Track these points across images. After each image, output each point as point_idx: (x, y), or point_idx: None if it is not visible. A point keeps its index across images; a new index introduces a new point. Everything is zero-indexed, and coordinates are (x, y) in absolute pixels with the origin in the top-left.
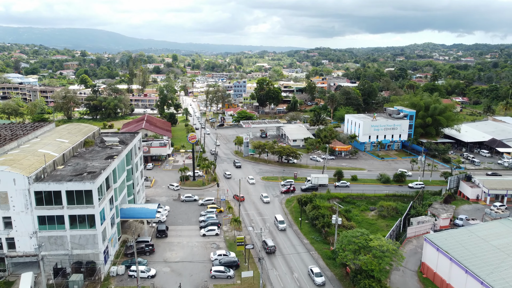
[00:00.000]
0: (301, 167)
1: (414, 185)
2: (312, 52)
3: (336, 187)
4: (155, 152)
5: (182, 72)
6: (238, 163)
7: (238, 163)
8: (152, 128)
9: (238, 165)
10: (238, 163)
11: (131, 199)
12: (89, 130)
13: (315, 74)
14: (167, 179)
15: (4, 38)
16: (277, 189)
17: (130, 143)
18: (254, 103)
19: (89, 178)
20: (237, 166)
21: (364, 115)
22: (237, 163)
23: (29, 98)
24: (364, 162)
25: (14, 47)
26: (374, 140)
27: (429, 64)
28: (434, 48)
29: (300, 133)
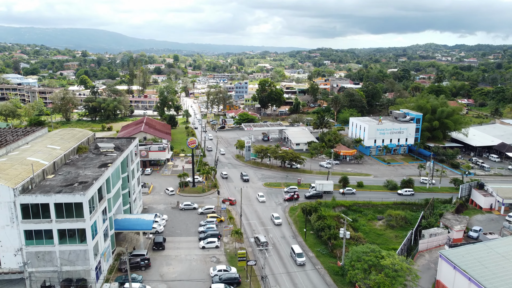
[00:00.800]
0: (305, 172)
1: (403, 192)
2: (314, 53)
3: (342, 194)
4: (153, 156)
5: (183, 73)
6: (246, 176)
7: (245, 176)
8: (151, 131)
9: (245, 179)
10: (246, 176)
11: (127, 208)
12: (83, 135)
13: (318, 75)
14: (166, 185)
15: (6, 38)
16: (280, 196)
17: (126, 150)
18: (255, 105)
19: (80, 189)
20: (245, 180)
21: (369, 118)
22: (244, 176)
23: (27, 99)
24: (370, 167)
25: (15, 47)
26: (379, 144)
27: (432, 65)
28: (436, 48)
29: (303, 137)
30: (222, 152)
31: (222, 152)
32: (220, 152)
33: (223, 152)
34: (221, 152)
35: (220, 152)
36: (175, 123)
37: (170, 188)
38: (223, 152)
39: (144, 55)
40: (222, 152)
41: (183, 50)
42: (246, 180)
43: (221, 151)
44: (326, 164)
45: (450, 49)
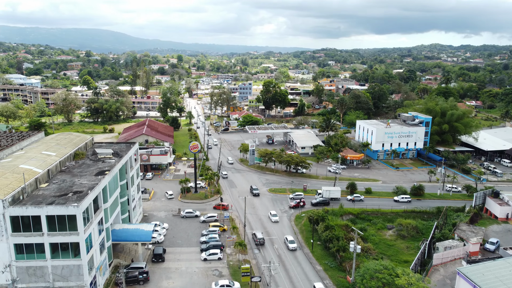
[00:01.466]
0: (311, 177)
1: (400, 199)
2: (318, 53)
3: (354, 201)
4: (155, 160)
5: (187, 73)
6: (256, 190)
7: (255, 190)
8: (153, 133)
9: (256, 193)
10: (256, 190)
11: (126, 216)
12: (81, 140)
13: (322, 75)
14: (167, 190)
15: (11, 38)
16: (285, 203)
17: (125, 156)
18: (260, 106)
19: (74, 199)
20: (255, 194)
21: (377, 121)
22: (254, 190)
23: (30, 100)
24: (378, 173)
25: (20, 47)
26: (388, 148)
27: (437, 66)
28: (442, 49)
29: (308, 140)
30: (230, 161)
31: (231, 161)
32: (228, 161)
33: (231, 161)
34: (229, 161)
35: (228, 161)
36: (178, 125)
37: (169, 191)
38: (232, 161)
39: (148, 55)
40: (230, 161)
41: (187, 50)
42: (256, 194)
43: (229, 160)
44: (333, 169)
45: (456, 50)
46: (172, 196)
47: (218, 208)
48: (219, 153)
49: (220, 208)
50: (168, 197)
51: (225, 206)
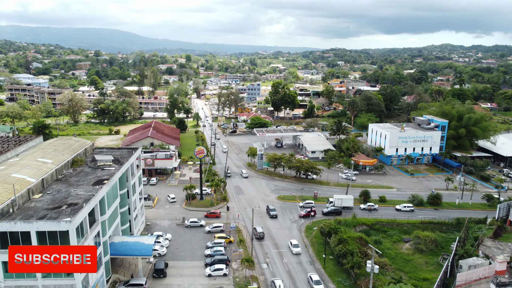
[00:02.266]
0: (321, 184)
1: (401, 208)
2: (327, 53)
3: (368, 211)
4: (160, 164)
5: (195, 73)
6: (274, 211)
7: (273, 211)
8: (159, 136)
9: (273, 215)
10: (273, 211)
11: (127, 227)
12: (80, 146)
13: (332, 76)
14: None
15: (23, 37)
16: (295, 212)
17: (125, 163)
18: (268, 108)
19: (68, 213)
20: (272, 216)
21: (390, 125)
22: (271, 212)
23: (37, 100)
24: (392, 179)
25: (30, 47)
26: (402, 153)
27: (449, 66)
28: (453, 49)
29: (319, 144)
30: (244, 175)
31: (245, 174)
32: (243, 175)
33: (246, 174)
34: (243, 175)
35: (242, 174)
36: (185, 127)
37: (171, 195)
38: (246, 175)
39: (156, 55)
40: (244, 174)
41: (196, 50)
42: (273, 216)
43: (243, 173)
44: (346, 176)
45: (467, 50)
46: (174, 199)
47: (210, 217)
48: (226, 158)
49: (212, 217)
50: (170, 200)
51: (217, 214)
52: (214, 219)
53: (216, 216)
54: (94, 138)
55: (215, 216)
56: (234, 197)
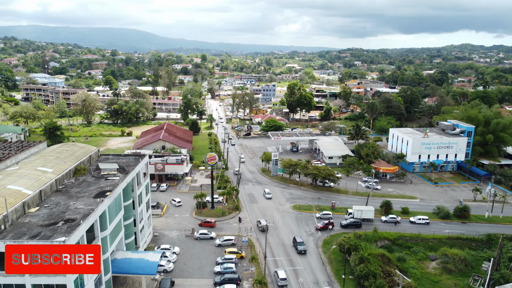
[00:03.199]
0: (339, 192)
1: (416, 220)
2: (344, 53)
3: (384, 222)
4: (170, 170)
5: (210, 73)
6: (302, 245)
7: (301, 246)
8: (170, 139)
9: (301, 250)
10: (302, 246)
11: (131, 241)
12: (84, 153)
13: (349, 76)
14: (182, 204)
15: (43, 37)
16: (311, 224)
17: (131, 172)
18: (283, 109)
19: (64, 231)
20: (300, 251)
21: (412, 130)
22: (300, 246)
23: (51, 100)
24: (414, 188)
25: (49, 46)
26: (424, 160)
27: (469, 67)
28: (473, 49)
29: (336, 149)
30: (268, 195)
31: (268, 195)
32: (266, 195)
33: (269, 195)
34: (266, 195)
35: (265, 195)
36: (198, 129)
37: (176, 199)
38: (270, 196)
39: (172, 55)
40: (268, 195)
41: (212, 49)
42: (302, 251)
43: (267, 194)
44: (367, 185)
45: (488, 50)
46: (180, 203)
47: (204, 226)
48: (239, 165)
49: (206, 226)
50: (176, 204)
51: (211, 223)
52: (216, 230)
53: (211, 225)
54: (105, 140)
55: (210, 225)
56: (246, 206)
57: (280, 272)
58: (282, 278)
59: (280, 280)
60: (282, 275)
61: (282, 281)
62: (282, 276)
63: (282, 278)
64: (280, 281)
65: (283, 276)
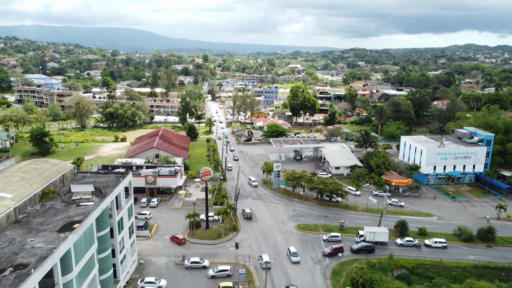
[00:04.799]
0: (348, 208)
1: (432, 243)
2: (347, 53)
3: (400, 246)
4: (162, 183)
5: (211, 74)
6: (296, 256)
7: (295, 257)
8: (165, 147)
9: (294, 261)
10: (296, 257)
11: (109, 275)
12: (57, 171)
13: (353, 77)
14: (173, 224)
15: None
16: (318, 248)
17: (109, 195)
18: (286, 112)
19: (10, 283)
20: (294, 262)
21: (426, 138)
22: (293, 257)
23: (46, 102)
24: (430, 204)
25: (50, 46)
26: (440, 171)
27: (475, 68)
28: (477, 49)
29: (344, 158)
30: (254, 183)
31: (255, 182)
32: (252, 184)
33: (255, 182)
34: (253, 184)
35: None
36: (196, 135)
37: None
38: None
39: (173, 55)
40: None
41: (215, 49)
42: (295, 262)
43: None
44: (377, 200)
45: (492, 50)
46: None
47: (174, 241)
48: (237, 177)
49: (175, 242)
50: None
51: (179, 240)
52: (211, 256)
53: (178, 242)
54: (97, 147)
55: (178, 241)
56: (245, 226)
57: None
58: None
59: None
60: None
61: None
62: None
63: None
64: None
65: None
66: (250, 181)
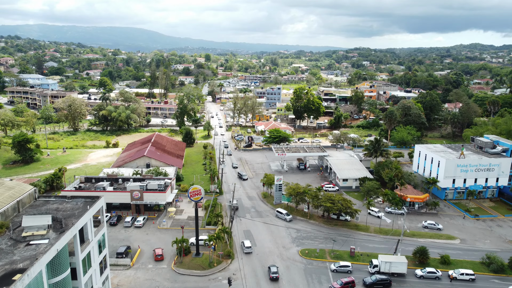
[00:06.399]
0: (358, 228)
1: (458, 275)
2: (351, 53)
3: (420, 278)
4: (150, 199)
5: (213, 74)
6: (274, 272)
7: (273, 273)
8: (157, 155)
9: (273, 276)
10: (274, 273)
11: None
12: (11, 197)
13: (358, 78)
14: (161, 245)
15: (50, 36)
16: (325, 280)
17: (70, 229)
18: (289, 115)
19: None
20: (273, 278)
21: (442, 147)
22: (272, 274)
23: (39, 104)
24: (450, 223)
25: (51, 45)
26: (459, 185)
27: (483, 68)
28: (483, 49)
29: (352, 169)
30: (235, 204)
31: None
32: (233, 206)
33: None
34: (233, 205)
35: (232, 206)
36: (192, 141)
37: None
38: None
39: (175, 54)
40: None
41: (218, 48)
42: (274, 278)
43: (232, 201)
44: (423, 224)
45: (498, 50)
46: None
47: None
48: (232, 195)
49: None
50: None
51: (158, 256)
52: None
53: (158, 259)
54: (86, 153)
55: (157, 259)
56: (242, 252)
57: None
58: None
59: None
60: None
61: None
62: None
63: None
64: None
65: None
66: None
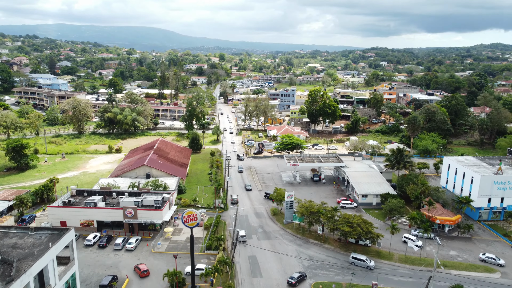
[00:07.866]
0: (380, 256)
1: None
2: (368, 52)
3: None
4: (144, 217)
5: (226, 74)
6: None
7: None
8: (159, 164)
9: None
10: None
11: None
12: None
13: (376, 79)
14: (151, 278)
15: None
16: None
17: (20, 276)
18: (303, 119)
19: None
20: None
21: (476, 160)
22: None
23: (46, 105)
24: (487, 250)
25: (67, 45)
26: (496, 204)
27: (506, 68)
28: (504, 49)
29: (372, 182)
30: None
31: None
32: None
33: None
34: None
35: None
36: (199, 147)
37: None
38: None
39: (189, 54)
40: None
41: (233, 48)
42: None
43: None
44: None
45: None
46: None
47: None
48: (235, 218)
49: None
50: None
51: (143, 272)
52: None
53: (140, 274)
54: (87, 159)
55: (140, 273)
56: (244, 285)
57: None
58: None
59: None
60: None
61: None
62: None
63: None
64: None
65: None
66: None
